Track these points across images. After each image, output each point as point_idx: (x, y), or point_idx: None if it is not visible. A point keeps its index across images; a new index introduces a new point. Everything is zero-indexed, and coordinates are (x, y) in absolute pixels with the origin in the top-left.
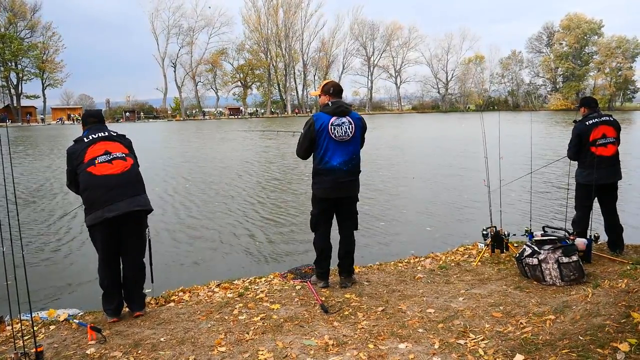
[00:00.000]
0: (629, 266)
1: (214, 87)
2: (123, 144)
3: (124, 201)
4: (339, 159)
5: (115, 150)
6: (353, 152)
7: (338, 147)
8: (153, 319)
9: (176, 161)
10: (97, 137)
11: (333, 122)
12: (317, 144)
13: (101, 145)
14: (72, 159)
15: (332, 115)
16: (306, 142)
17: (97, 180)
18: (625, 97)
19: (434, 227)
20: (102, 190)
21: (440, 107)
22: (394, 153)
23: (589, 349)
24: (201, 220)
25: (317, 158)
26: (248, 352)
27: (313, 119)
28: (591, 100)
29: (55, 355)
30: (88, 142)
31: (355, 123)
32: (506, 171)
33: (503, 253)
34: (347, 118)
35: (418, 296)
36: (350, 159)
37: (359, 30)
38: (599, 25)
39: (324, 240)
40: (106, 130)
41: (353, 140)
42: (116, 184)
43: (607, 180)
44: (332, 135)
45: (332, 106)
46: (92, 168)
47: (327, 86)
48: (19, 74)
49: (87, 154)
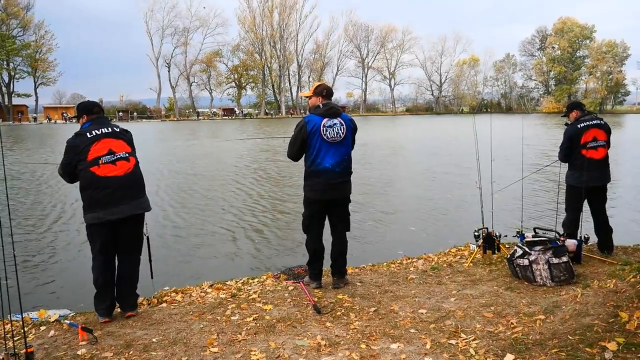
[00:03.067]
0: (617, 267)
1: (208, 87)
2: (126, 140)
3: (127, 204)
4: (331, 161)
5: (119, 149)
6: (345, 154)
7: (330, 148)
8: (145, 319)
9: (169, 160)
10: (100, 133)
11: (325, 124)
12: (309, 146)
13: (105, 143)
14: (72, 152)
15: (323, 117)
16: (298, 143)
17: (100, 182)
18: (616, 100)
19: (426, 228)
20: (105, 192)
21: (434, 110)
22: (385, 153)
23: (578, 348)
24: (194, 220)
25: (309, 160)
26: (240, 352)
27: (305, 121)
28: (580, 104)
29: (45, 356)
30: (91, 138)
31: (347, 124)
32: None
33: (495, 254)
34: (339, 119)
35: (410, 297)
36: (342, 160)
37: (354, 32)
38: (590, 29)
39: (317, 241)
40: (109, 126)
41: (344, 142)
42: (119, 186)
43: (597, 183)
44: (324, 136)
45: (324, 108)
46: (95, 168)
47: (319, 88)
48: (10, 72)
49: (91, 152)
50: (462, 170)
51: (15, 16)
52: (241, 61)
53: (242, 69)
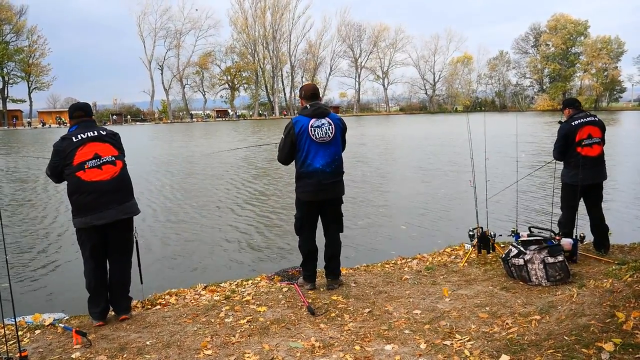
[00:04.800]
0: (614, 266)
1: (201, 89)
2: (112, 144)
3: (114, 209)
4: (321, 161)
5: (105, 153)
6: (335, 153)
7: (320, 148)
8: (139, 322)
9: (163, 161)
10: (86, 137)
11: (313, 124)
12: (299, 147)
13: (91, 147)
14: (58, 156)
15: (311, 117)
16: (287, 146)
17: (86, 187)
18: (612, 97)
19: (420, 227)
20: (91, 197)
21: (428, 109)
22: (378, 151)
23: (574, 349)
24: (188, 222)
25: (299, 161)
26: (234, 355)
27: (292, 123)
28: (575, 101)
29: (40, 359)
30: (77, 142)
31: (335, 124)
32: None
33: (489, 254)
34: (327, 119)
35: (404, 297)
36: (333, 161)
37: (346, 31)
38: (584, 26)
39: (310, 243)
40: (95, 129)
41: (334, 142)
42: (105, 190)
43: (593, 181)
44: (313, 137)
45: (311, 108)
46: (81, 173)
47: (301, 90)
48: (4, 77)
49: (76, 157)
50: (457, 168)
51: (8, 22)
52: (234, 63)
53: (235, 70)
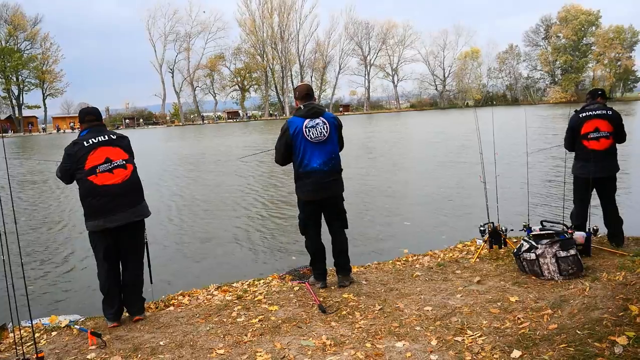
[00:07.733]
0: (627, 258)
1: (212, 91)
2: (122, 147)
3: (125, 212)
4: (318, 160)
5: (115, 157)
6: (331, 152)
7: (315, 148)
8: (152, 323)
9: (175, 164)
10: (97, 141)
11: (307, 125)
12: (295, 148)
13: (102, 151)
14: (70, 160)
15: (305, 118)
16: (282, 147)
17: (99, 190)
18: (626, 87)
19: (432, 223)
20: (103, 200)
21: (439, 104)
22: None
23: (586, 343)
24: (200, 223)
25: (296, 162)
26: (246, 354)
27: (287, 124)
28: (595, 92)
29: None
30: (88, 146)
31: (330, 122)
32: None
33: (501, 249)
34: (321, 119)
35: (416, 294)
36: (330, 159)
37: (354, 29)
38: (596, 16)
39: (315, 242)
40: (105, 133)
41: (329, 140)
42: (117, 194)
43: (599, 174)
44: (308, 137)
45: (305, 109)
46: (93, 177)
47: (295, 91)
48: (19, 85)
49: (88, 161)
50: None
51: (23, 30)
52: (244, 64)
53: (245, 71)
